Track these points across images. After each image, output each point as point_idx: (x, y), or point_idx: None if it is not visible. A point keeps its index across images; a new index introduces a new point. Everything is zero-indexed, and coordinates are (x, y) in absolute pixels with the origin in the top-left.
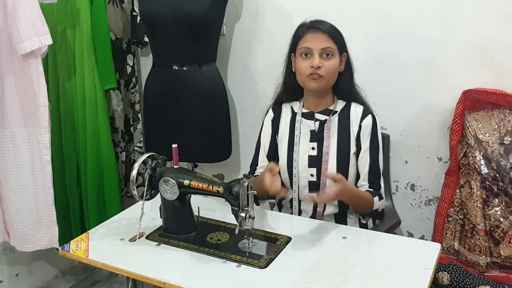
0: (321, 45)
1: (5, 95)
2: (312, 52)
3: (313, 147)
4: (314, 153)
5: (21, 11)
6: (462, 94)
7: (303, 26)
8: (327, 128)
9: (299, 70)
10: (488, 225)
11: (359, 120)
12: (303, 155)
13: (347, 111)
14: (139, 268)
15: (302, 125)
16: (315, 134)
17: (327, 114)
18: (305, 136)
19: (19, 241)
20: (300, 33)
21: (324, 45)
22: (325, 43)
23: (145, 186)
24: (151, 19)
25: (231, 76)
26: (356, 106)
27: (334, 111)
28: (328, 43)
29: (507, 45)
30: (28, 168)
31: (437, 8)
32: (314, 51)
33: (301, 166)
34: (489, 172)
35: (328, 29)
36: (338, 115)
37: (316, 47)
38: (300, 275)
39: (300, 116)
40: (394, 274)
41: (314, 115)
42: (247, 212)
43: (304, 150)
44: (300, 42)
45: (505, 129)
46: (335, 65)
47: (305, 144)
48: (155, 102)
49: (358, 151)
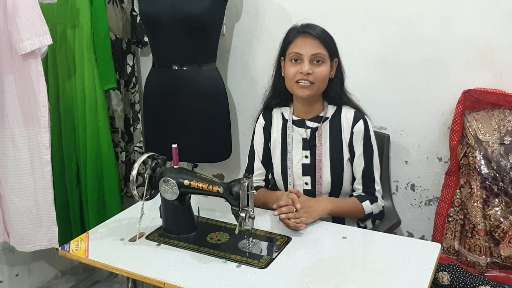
0: (312, 51)
1: (5, 95)
2: (302, 58)
3: (306, 155)
4: (308, 161)
5: (21, 11)
6: (462, 94)
7: (293, 30)
8: (318, 136)
9: (288, 75)
10: (488, 225)
11: (351, 126)
12: (297, 163)
13: (338, 116)
14: (139, 268)
15: (294, 133)
16: (307, 142)
17: (318, 121)
18: (298, 144)
19: (19, 241)
20: (290, 37)
21: (315, 51)
22: (315, 49)
23: (145, 186)
24: (151, 19)
25: (231, 76)
26: (347, 110)
27: (325, 118)
28: (319, 49)
29: (507, 45)
30: (28, 168)
31: (437, 8)
32: (304, 56)
33: (295, 175)
34: (489, 172)
35: (320, 34)
36: (329, 121)
37: (307, 53)
38: (300, 275)
39: (291, 124)
40: (394, 274)
41: (305, 123)
42: (247, 212)
43: (297, 158)
44: (290, 47)
45: (505, 129)
46: (325, 72)
47: (298, 153)
48: (155, 102)
49: (352, 157)
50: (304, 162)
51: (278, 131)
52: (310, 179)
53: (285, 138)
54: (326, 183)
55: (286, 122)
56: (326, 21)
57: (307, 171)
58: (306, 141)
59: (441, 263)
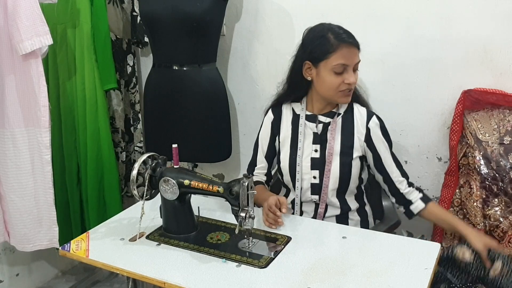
0: (356, 60)
1: (6, 95)
2: (347, 69)
3: (316, 149)
4: (317, 155)
5: (21, 11)
6: (462, 94)
7: (326, 37)
8: (331, 130)
9: (331, 86)
10: (488, 225)
11: (365, 122)
12: (306, 157)
13: (351, 113)
14: (139, 268)
15: (305, 127)
16: (318, 136)
17: (331, 117)
18: (308, 138)
19: (19, 241)
20: (330, 47)
21: (357, 59)
22: (357, 57)
23: (145, 186)
24: (151, 19)
25: (231, 76)
26: (359, 108)
27: (338, 113)
28: (358, 57)
29: (507, 45)
30: (28, 168)
31: (437, 8)
32: (349, 67)
33: (304, 169)
34: (488, 172)
35: (356, 40)
36: (342, 117)
37: (352, 63)
38: (300, 275)
39: (304, 120)
40: (394, 274)
41: (317, 117)
42: (247, 212)
43: (307, 152)
44: (333, 57)
45: (505, 129)
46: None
47: (308, 146)
48: (155, 102)
49: (373, 153)
50: (314, 156)
51: (288, 126)
52: (318, 173)
53: (296, 132)
54: (334, 178)
55: (297, 117)
56: (326, 21)
57: (316, 165)
58: (317, 136)
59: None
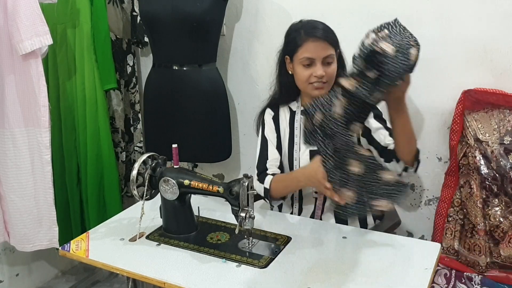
0: (323, 54)
1: (5, 95)
2: (314, 62)
3: None
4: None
5: (21, 11)
6: (462, 94)
7: (299, 31)
8: None
9: (301, 78)
10: (488, 225)
11: None
12: (304, 151)
13: None
14: (139, 268)
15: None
16: None
17: None
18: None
19: (19, 241)
20: (298, 41)
21: (326, 53)
22: (326, 51)
23: (145, 186)
24: (151, 19)
25: (231, 76)
26: None
27: None
28: (328, 51)
29: (506, 45)
30: (28, 168)
31: (437, 8)
32: (316, 60)
33: (303, 162)
34: (489, 172)
35: (327, 35)
36: None
37: (318, 57)
38: (300, 275)
39: (300, 115)
40: (394, 274)
41: None
42: (247, 212)
43: (304, 146)
44: (300, 51)
45: (505, 129)
46: (335, 69)
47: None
48: (155, 102)
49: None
50: (312, 148)
51: (287, 122)
52: None
53: (293, 129)
54: None
55: (294, 114)
56: (326, 21)
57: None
58: None
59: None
